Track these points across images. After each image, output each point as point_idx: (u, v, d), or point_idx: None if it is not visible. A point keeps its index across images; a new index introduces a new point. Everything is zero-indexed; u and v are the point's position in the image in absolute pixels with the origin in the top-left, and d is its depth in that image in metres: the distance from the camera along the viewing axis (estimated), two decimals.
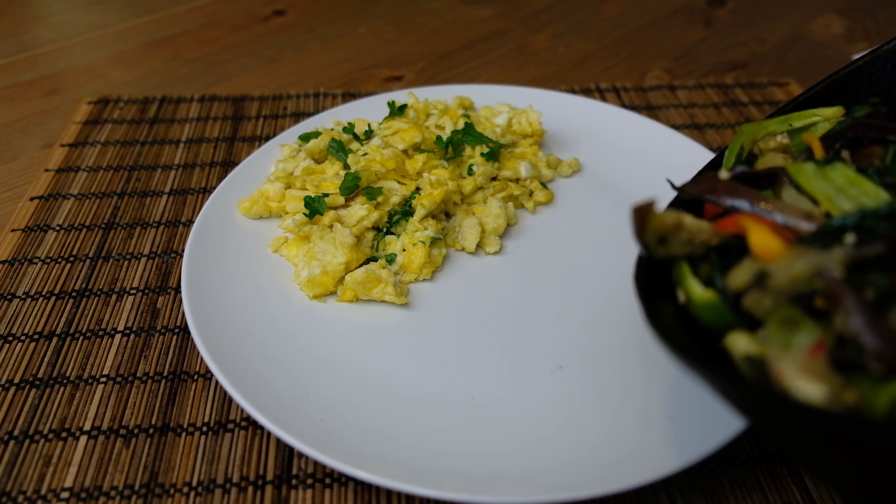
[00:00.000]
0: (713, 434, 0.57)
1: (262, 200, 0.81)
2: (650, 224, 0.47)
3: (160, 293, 0.76)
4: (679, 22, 1.39)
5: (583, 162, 0.93)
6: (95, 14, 1.39)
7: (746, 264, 0.43)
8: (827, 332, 0.39)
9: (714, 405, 0.60)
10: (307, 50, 1.27)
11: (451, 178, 0.83)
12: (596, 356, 0.67)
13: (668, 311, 0.46)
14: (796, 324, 0.40)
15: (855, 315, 0.36)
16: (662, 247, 0.48)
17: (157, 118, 1.05)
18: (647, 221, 0.47)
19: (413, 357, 0.67)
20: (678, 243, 0.48)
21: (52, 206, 0.88)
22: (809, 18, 1.39)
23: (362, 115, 0.96)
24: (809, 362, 0.37)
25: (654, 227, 0.47)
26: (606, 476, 0.54)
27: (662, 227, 0.47)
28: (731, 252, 0.46)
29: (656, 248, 0.48)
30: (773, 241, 0.42)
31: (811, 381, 0.36)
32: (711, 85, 1.16)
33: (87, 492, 0.58)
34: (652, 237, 0.47)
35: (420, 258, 0.75)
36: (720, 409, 0.59)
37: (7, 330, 0.72)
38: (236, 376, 0.61)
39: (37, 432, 0.62)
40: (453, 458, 0.57)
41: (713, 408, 0.59)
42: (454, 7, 1.43)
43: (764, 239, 0.43)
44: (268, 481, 0.59)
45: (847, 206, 0.44)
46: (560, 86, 1.13)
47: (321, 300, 0.73)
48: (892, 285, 0.37)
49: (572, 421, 0.61)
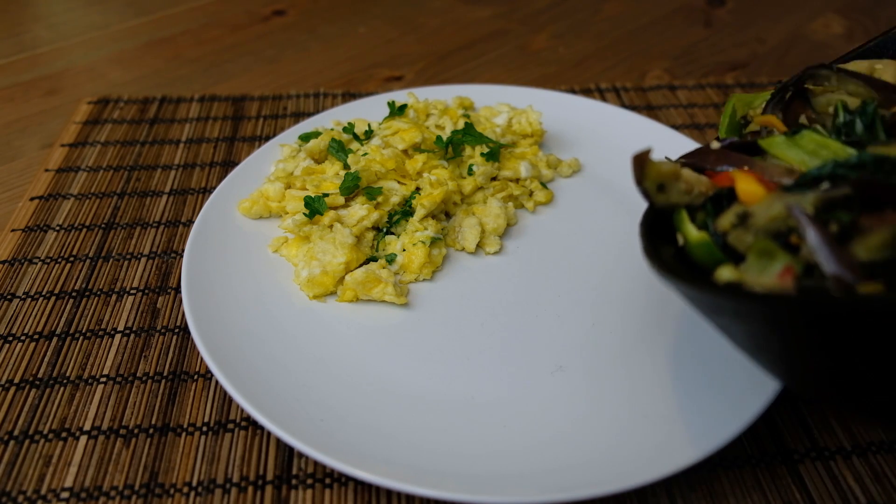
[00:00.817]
0: (713, 434, 0.57)
1: (262, 200, 0.81)
2: (648, 171, 0.52)
3: (160, 293, 0.76)
4: (679, 22, 1.39)
5: (583, 162, 0.93)
6: (95, 14, 1.39)
7: (733, 208, 0.49)
8: (796, 261, 0.43)
9: (714, 405, 0.60)
10: (307, 50, 1.27)
11: (451, 178, 0.83)
12: (596, 356, 0.67)
13: (668, 251, 0.52)
14: (772, 254, 0.45)
15: (817, 245, 0.41)
16: (662, 194, 0.53)
17: (157, 118, 1.05)
18: (646, 169, 0.52)
19: (413, 357, 0.67)
20: (677, 192, 0.53)
21: (52, 206, 0.88)
22: (809, 18, 1.39)
23: (362, 115, 0.96)
24: (778, 284, 0.42)
25: (653, 174, 0.52)
26: (606, 476, 0.54)
27: (660, 174, 0.52)
28: (723, 201, 0.51)
29: (656, 195, 0.53)
30: (757, 188, 0.48)
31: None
32: (711, 85, 1.16)
33: (87, 492, 0.58)
34: (651, 184, 0.52)
35: (420, 258, 0.75)
36: (720, 410, 0.59)
37: (7, 330, 0.72)
38: (236, 376, 0.61)
39: (37, 432, 0.62)
40: (453, 458, 0.57)
41: (713, 408, 0.59)
42: (454, 7, 1.43)
43: (749, 186, 0.48)
44: (268, 481, 0.59)
45: (811, 164, 0.50)
46: (560, 86, 1.13)
47: (321, 300, 0.73)
48: (854, 221, 0.42)
49: (572, 421, 0.60)
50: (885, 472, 0.60)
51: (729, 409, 0.59)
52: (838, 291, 0.40)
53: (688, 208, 0.53)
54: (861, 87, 0.56)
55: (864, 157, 0.45)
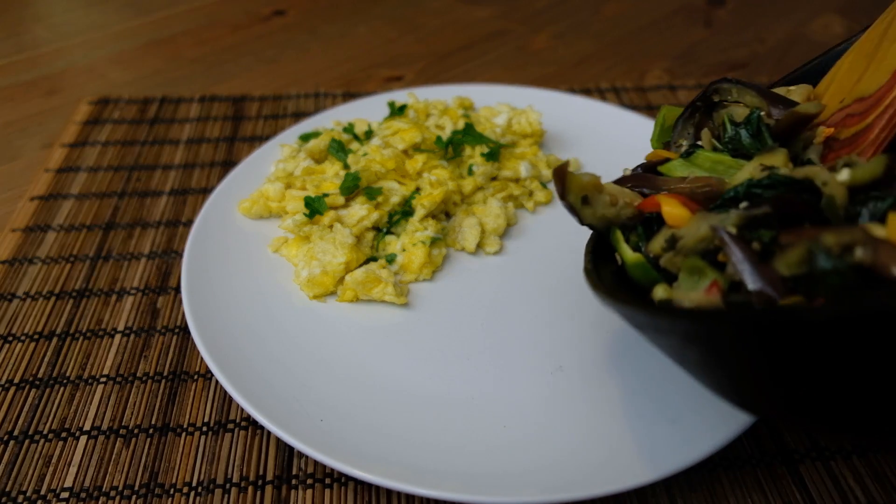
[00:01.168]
0: (713, 434, 0.57)
1: (262, 200, 0.81)
2: (570, 185, 0.54)
3: (160, 293, 0.76)
4: (679, 22, 1.39)
5: (583, 162, 0.93)
6: (95, 14, 1.39)
7: (662, 232, 0.50)
8: (723, 277, 0.46)
9: (714, 406, 0.60)
10: (307, 50, 1.27)
11: (451, 178, 0.83)
12: (596, 356, 0.67)
13: (609, 269, 0.54)
14: (701, 271, 0.47)
15: (740, 262, 0.43)
16: (588, 207, 0.55)
17: (157, 118, 1.05)
18: (567, 182, 0.54)
19: (413, 357, 0.67)
20: (602, 205, 0.54)
21: (52, 206, 0.88)
22: (809, 18, 1.39)
23: (362, 115, 0.96)
24: (704, 298, 0.45)
25: (574, 187, 0.54)
26: (606, 476, 0.54)
27: (582, 187, 0.54)
28: (653, 224, 0.53)
29: (582, 209, 0.55)
30: (682, 210, 0.50)
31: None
32: None
33: (87, 492, 0.58)
34: (575, 198, 0.54)
35: (420, 258, 0.75)
36: (720, 410, 0.59)
37: (7, 330, 0.72)
38: (236, 376, 0.61)
39: (37, 432, 0.62)
40: (453, 458, 0.57)
41: (713, 408, 0.59)
42: (454, 7, 1.43)
43: (674, 209, 0.50)
44: (268, 481, 0.59)
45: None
46: (560, 86, 1.13)
47: (321, 300, 0.73)
48: (775, 238, 0.44)
49: (572, 421, 0.60)
50: (885, 472, 0.60)
51: (729, 409, 0.59)
52: (761, 305, 0.42)
53: (623, 228, 0.54)
54: (755, 97, 0.57)
55: (775, 177, 0.47)
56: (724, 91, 0.60)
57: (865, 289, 0.39)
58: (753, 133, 0.55)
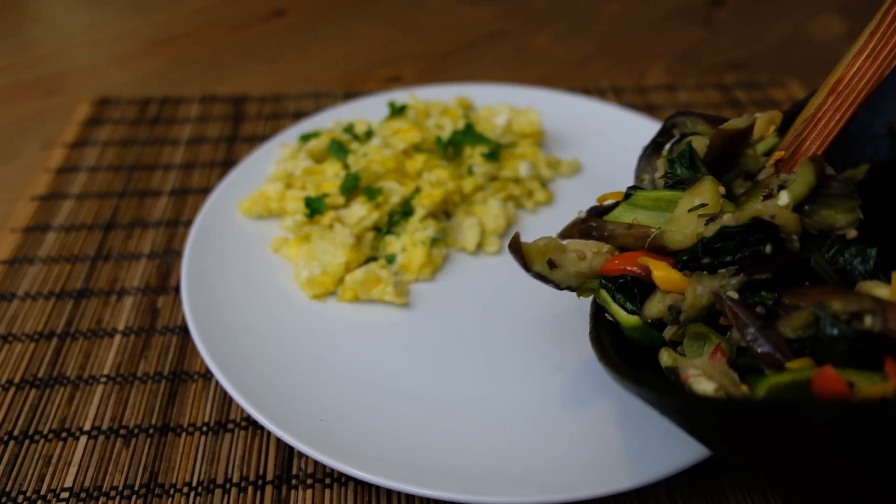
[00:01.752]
0: None
1: (262, 200, 0.81)
2: (530, 255, 0.53)
3: (160, 293, 0.76)
4: (679, 22, 1.39)
5: (583, 162, 0.93)
6: (95, 14, 1.39)
7: (658, 297, 0.50)
8: (726, 343, 0.46)
9: None
10: (307, 50, 1.27)
11: (451, 178, 0.83)
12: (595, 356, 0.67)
13: (608, 330, 0.53)
14: (706, 337, 0.47)
15: (745, 328, 0.44)
16: (558, 270, 0.54)
17: (157, 118, 1.05)
18: (525, 253, 0.53)
19: (413, 357, 0.67)
20: (571, 262, 0.54)
21: (52, 207, 0.88)
22: (809, 18, 1.39)
23: (362, 115, 0.96)
24: (709, 365, 0.45)
25: (536, 256, 0.53)
26: (607, 476, 0.54)
27: (543, 252, 0.53)
28: (632, 287, 0.52)
29: (552, 273, 0.54)
30: (674, 274, 0.49)
31: (706, 380, 0.44)
32: (711, 85, 1.16)
33: (87, 492, 0.58)
34: (541, 265, 0.54)
35: (420, 258, 0.75)
36: None
37: (7, 330, 0.72)
38: (236, 376, 0.61)
39: (37, 432, 0.62)
40: (453, 458, 0.57)
41: None
42: (454, 7, 1.43)
43: (666, 274, 0.49)
44: (268, 481, 0.59)
45: (661, 219, 0.53)
46: (560, 86, 1.13)
47: (321, 300, 0.73)
48: (777, 300, 0.45)
49: (572, 421, 0.60)
50: None
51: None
52: (770, 369, 0.42)
53: (605, 288, 0.54)
54: (705, 125, 0.58)
55: (726, 231, 0.48)
56: (680, 124, 0.60)
57: (875, 353, 0.39)
58: (688, 164, 0.55)
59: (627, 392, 0.48)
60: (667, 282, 0.49)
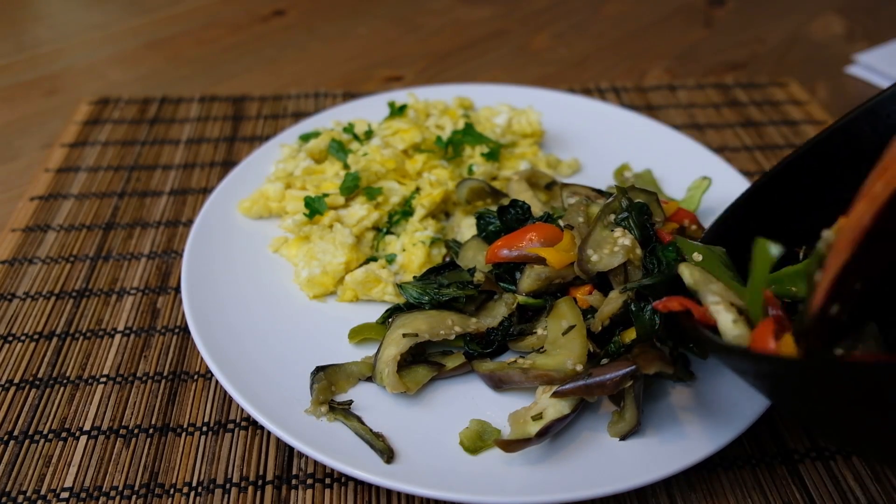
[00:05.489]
0: (713, 434, 0.57)
1: (262, 200, 0.81)
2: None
3: (160, 293, 0.76)
4: (679, 22, 1.39)
5: (583, 162, 0.93)
6: (95, 14, 1.39)
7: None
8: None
9: (714, 406, 0.60)
10: (307, 50, 1.27)
11: (451, 178, 0.83)
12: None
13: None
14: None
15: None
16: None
17: (157, 118, 1.05)
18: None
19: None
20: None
21: (52, 206, 0.88)
22: (809, 18, 1.39)
23: (362, 115, 0.95)
24: (725, 291, 0.53)
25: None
26: (607, 476, 0.54)
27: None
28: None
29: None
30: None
31: (724, 310, 0.51)
32: (711, 85, 1.16)
33: (86, 492, 0.58)
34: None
35: (420, 258, 0.74)
36: (720, 411, 0.59)
37: (7, 330, 0.72)
38: (236, 376, 0.61)
39: (37, 432, 0.62)
40: (453, 458, 0.57)
41: (713, 409, 0.59)
42: (454, 7, 1.43)
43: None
44: (268, 481, 0.59)
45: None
46: (560, 86, 1.13)
47: (321, 300, 0.72)
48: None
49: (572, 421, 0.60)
50: (885, 472, 0.60)
51: (729, 410, 0.59)
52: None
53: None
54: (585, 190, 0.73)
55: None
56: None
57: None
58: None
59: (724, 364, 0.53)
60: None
